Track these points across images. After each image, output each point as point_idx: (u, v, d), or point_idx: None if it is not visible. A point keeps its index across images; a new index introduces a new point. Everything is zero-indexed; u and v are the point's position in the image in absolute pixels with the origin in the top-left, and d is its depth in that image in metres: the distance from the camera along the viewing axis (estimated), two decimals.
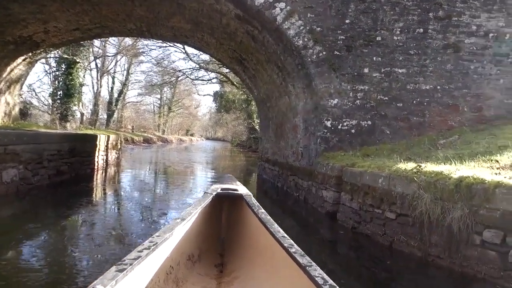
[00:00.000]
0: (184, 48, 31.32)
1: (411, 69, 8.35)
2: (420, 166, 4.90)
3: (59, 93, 30.38)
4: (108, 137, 14.18)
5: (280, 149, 12.02)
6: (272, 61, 10.31)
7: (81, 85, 34.47)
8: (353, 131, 8.29)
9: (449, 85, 8.32)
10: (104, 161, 13.69)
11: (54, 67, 31.95)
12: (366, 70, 8.34)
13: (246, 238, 3.75)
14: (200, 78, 36.63)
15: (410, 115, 8.32)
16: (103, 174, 12.80)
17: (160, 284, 2.76)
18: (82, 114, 39.51)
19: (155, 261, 2.67)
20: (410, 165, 5.13)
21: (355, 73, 8.33)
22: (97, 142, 12.60)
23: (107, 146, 13.99)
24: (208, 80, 36.32)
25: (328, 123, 8.29)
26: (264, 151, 14.70)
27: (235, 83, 32.27)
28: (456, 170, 4.49)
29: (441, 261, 4.37)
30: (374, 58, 8.34)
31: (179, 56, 79.09)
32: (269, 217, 3.37)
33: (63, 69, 30.23)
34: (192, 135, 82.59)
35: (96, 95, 41.79)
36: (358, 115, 8.30)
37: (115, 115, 47.31)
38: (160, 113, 61.92)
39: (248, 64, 12.52)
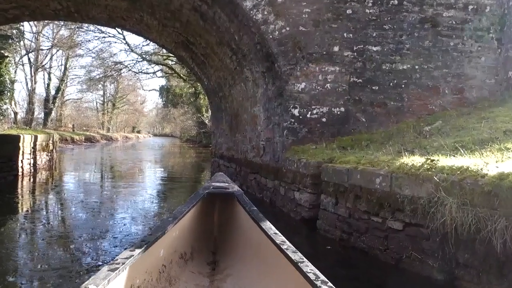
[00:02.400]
0: (124, 39, 29.09)
1: (386, 46, 7.29)
2: (432, 161, 3.75)
3: None
4: (36, 137, 12.13)
5: (236, 143, 10.68)
6: (225, 43, 8.91)
7: (12, 81, 31.30)
8: (324, 119, 7.11)
9: (428, 64, 7.35)
10: (32, 165, 11.66)
11: None
12: (336, 49, 7.17)
13: (238, 235, 3.77)
14: (144, 72, 34.42)
15: (387, 100, 7.27)
16: (31, 180, 10.83)
17: (153, 282, 2.74)
18: (15, 113, 36.16)
19: (148, 260, 2.64)
20: (416, 160, 3.98)
21: (324, 52, 7.14)
22: (20, 144, 10.59)
23: (34, 148, 11.95)
24: (153, 73, 34.20)
25: (296, 111, 7.05)
26: (217, 146, 13.29)
27: (181, 75, 30.52)
28: (485, 164, 3.37)
29: (474, 287, 3.24)
30: (345, 34, 7.19)
31: (120, 48, 75.03)
32: (261, 214, 3.39)
33: None
34: (139, 132, 79.93)
35: (31, 93, 38.52)
36: (329, 101, 7.13)
37: (53, 113, 44.15)
38: (104, 110, 58.98)
39: (196, 48, 11.02)
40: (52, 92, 41.67)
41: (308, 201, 5.73)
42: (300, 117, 7.05)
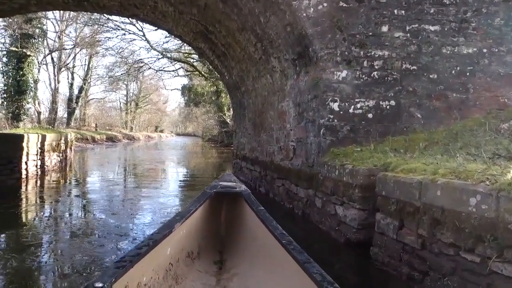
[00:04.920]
0: (144, 35, 28.38)
1: (447, 25, 5.91)
2: None
3: (9, 90, 27.04)
4: (44, 136, 11.20)
5: (260, 144, 9.45)
6: (248, 28, 7.69)
7: (35, 81, 31.01)
8: (370, 115, 5.79)
9: (499, 47, 5.94)
10: (39, 167, 10.72)
11: None
12: (384, 29, 5.85)
13: (245, 235, 3.75)
14: (165, 69, 33.71)
15: (448, 91, 5.90)
16: (37, 184, 9.87)
17: (159, 281, 2.71)
18: (39, 113, 36.09)
19: (155, 258, 2.61)
20: None
21: (370, 33, 5.82)
22: (24, 144, 9.64)
23: (42, 148, 11.02)
24: (174, 70, 33.39)
25: (335, 106, 5.76)
26: (239, 147, 12.08)
27: (202, 72, 29.56)
28: None
29: None
30: (396, 11, 5.86)
31: (140, 45, 75.18)
32: (267, 214, 3.38)
33: (13, 64, 26.83)
34: (161, 131, 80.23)
35: (54, 92, 38.44)
36: (376, 93, 5.81)
37: (77, 113, 44.19)
38: (127, 110, 59.04)
39: (215, 38, 9.85)
40: (76, 91, 41.66)
41: (356, 219, 4.44)
42: (341, 112, 5.76)
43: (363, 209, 4.40)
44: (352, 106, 5.76)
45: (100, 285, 1.87)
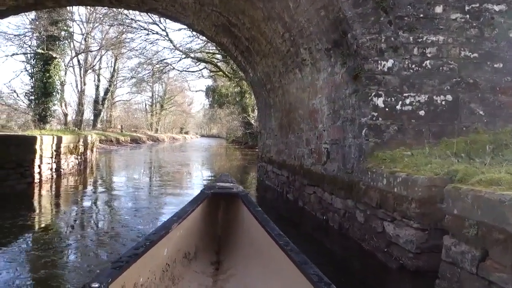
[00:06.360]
0: (167, 35, 28.01)
1: None
2: None
3: (36, 92, 27.18)
4: (59, 138, 10.68)
5: (288, 146, 8.60)
6: (275, 16, 6.88)
7: (62, 83, 31.13)
8: (422, 112, 4.86)
9: None
10: (54, 170, 10.19)
11: (25, 62, 28.75)
12: (439, 10, 4.90)
13: (242, 236, 3.72)
14: (189, 70, 33.32)
15: None
16: (52, 188, 9.32)
17: (156, 281, 2.70)
18: (65, 115, 36.40)
19: (151, 259, 2.59)
20: None
21: (421, 15, 4.89)
22: (37, 147, 9.11)
23: (58, 150, 10.50)
24: (198, 71, 32.94)
25: (379, 101, 4.86)
26: (265, 149, 11.26)
27: (226, 72, 28.94)
28: None
29: None
30: None
31: (164, 45, 75.36)
32: (265, 215, 3.37)
33: (40, 66, 26.95)
34: (186, 133, 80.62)
35: (80, 94, 38.78)
36: (429, 86, 4.87)
37: (103, 114, 44.54)
38: (152, 112, 59.37)
39: (239, 31, 9.07)
40: (102, 93, 41.93)
41: (413, 241, 3.53)
42: (386, 109, 4.84)
43: (422, 229, 3.50)
44: (400, 102, 4.84)
45: (97, 285, 1.85)
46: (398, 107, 4.85)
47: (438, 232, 3.39)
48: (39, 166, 9.27)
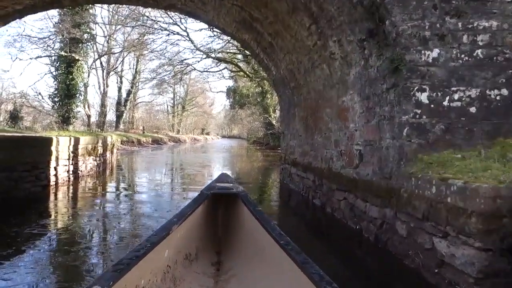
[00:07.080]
0: (188, 35, 27.76)
1: None
2: None
3: (60, 94, 27.43)
4: (77, 139, 10.38)
5: (314, 147, 8.03)
6: (300, 8, 6.33)
7: (85, 85, 31.38)
8: (472, 109, 4.23)
9: None
10: (71, 172, 9.89)
11: (49, 64, 29.09)
12: None
13: (242, 236, 3.73)
14: (209, 70, 33.04)
15: None
16: (69, 191, 9.01)
17: (157, 283, 2.69)
18: (88, 116, 36.74)
19: (152, 261, 2.58)
20: None
21: None
22: (53, 148, 8.80)
23: (75, 152, 10.20)
24: (218, 71, 32.59)
25: (423, 97, 4.25)
26: (288, 151, 10.70)
27: (247, 72, 28.50)
28: None
29: None
30: None
31: (184, 46, 75.18)
32: (265, 215, 3.39)
33: (63, 69, 27.16)
34: (207, 133, 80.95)
35: (103, 96, 39.15)
36: (481, 79, 4.24)
37: (125, 116, 44.93)
38: (174, 113, 59.68)
39: (261, 27, 8.56)
40: (124, 95, 42.22)
41: (475, 264, 2.93)
42: (432, 105, 4.24)
43: (487, 249, 2.90)
44: (447, 97, 4.23)
45: None
46: (445, 103, 4.23)
47: (505, 253, 2.80)
48: (55, 168, 8.97)
